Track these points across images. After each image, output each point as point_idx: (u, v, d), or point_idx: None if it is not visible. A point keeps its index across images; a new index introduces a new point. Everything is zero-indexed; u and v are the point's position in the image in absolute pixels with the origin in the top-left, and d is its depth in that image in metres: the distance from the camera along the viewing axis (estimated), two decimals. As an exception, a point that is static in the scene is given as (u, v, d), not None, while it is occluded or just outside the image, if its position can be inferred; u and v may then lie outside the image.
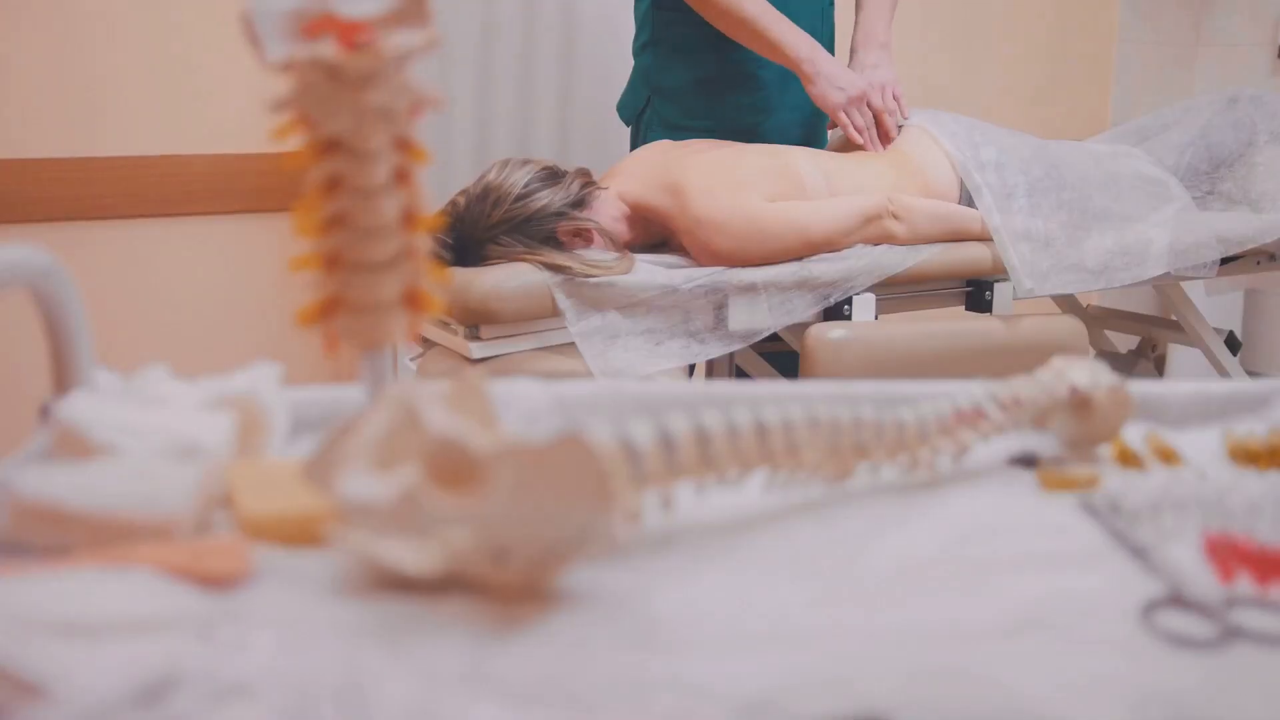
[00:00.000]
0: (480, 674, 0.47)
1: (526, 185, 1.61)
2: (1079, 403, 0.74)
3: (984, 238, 1.79)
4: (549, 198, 1.62)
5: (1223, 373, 2.06)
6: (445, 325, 1.63)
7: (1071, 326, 1.81)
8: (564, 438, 0.52)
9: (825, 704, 0.45)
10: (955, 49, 2.98)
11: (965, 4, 2.98)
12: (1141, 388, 0.80)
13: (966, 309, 1.86)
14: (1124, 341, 2.34)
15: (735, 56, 1.88)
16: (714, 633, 0.51)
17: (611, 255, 1.63)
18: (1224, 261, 1.90)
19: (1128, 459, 0.73)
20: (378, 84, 0.61)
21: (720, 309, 1.65)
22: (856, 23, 1.95)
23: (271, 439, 0.70)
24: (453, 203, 1.63)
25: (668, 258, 1.70)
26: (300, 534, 0.59)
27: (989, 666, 0.48)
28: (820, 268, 1.67)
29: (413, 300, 0.64)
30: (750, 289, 1.64)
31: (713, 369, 1.90)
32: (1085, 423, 0.74)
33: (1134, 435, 0.77)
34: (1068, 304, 2.25)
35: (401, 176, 0.63)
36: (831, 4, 2.02)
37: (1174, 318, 2.07)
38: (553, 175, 1.64)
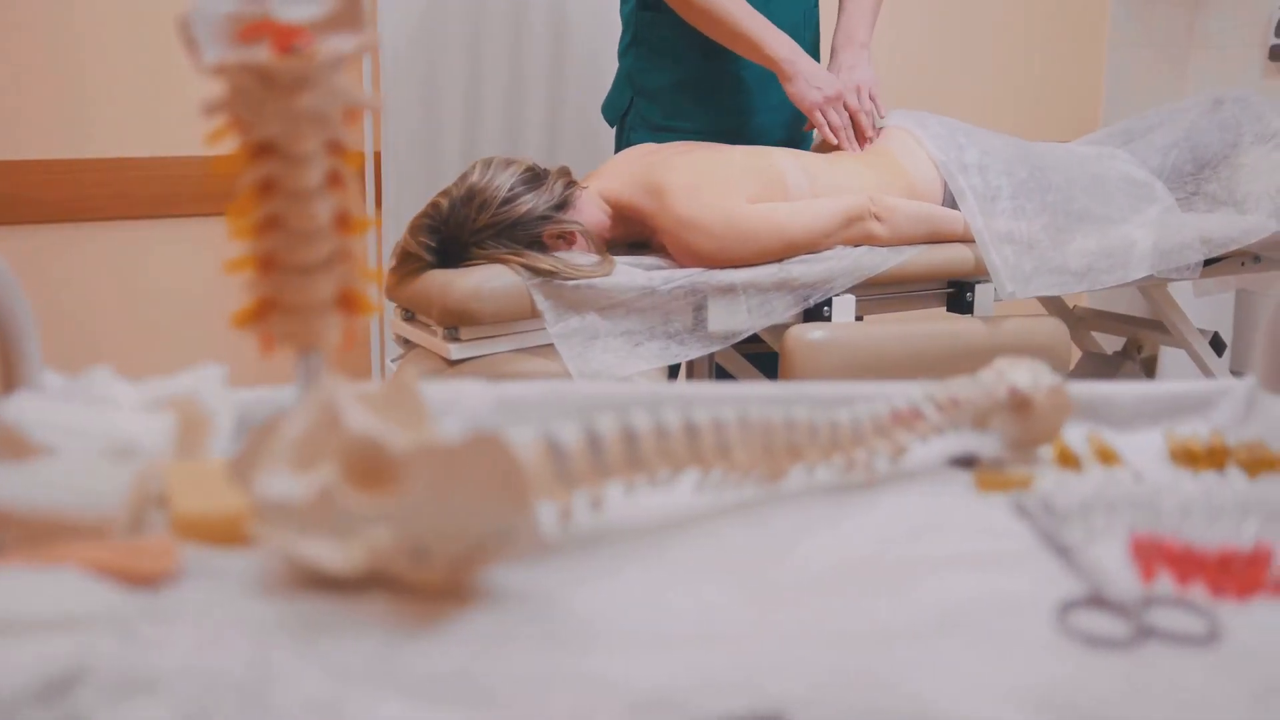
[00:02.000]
0: (388, 671, 0.48)
1: (511, 189, 1.62)
2: (1019, 404, 0.74)
3: (966, 239, 1.79)
4: (534, 201, 1.62)
5: (1208, 373, 2.05)
6: (426, 326, 1.64)
7: (1053, 328, 1.82)
8: (478, 437, 0.52)
9: (726, 703, 0.45)
10: (946, 50, 2.98)
11: (957, 5, 2.98)
12: (1086, 389, 0.80)
13: (948, 310, 1.86)
14: (1111, 343, 2.34)
15: (718, 58, 1.89)
16: (628, 631, 0.51)
17: (593, 258, 1.63)
18: (1209, 263, 1.90)
19: (1067, 460, 0.73)
20: (309, 88, 0.61)
21: (700, 310, 1.65)
22: (838, 23, 1.95)
23: (213, 439, 0.71)
24: (434, 204, 1.63)
25: (647, 259, 1.71)
26: (230, 533, 0.60)
27: (898, 667, 0.49)
28: (800, 269, 1.68)
29: (347, 302, 0.65)
30: (730, 290, 1.65)
31: (693, 370, 1.91)
32: (1025, 424, 0.74)
33: (1076, 436, 0.77)
34: (1053, 305, 2.25)
35: (335, 180, 0.63)
36: (816, 4, 2.02)
37: (1159, 319, 2.07)
38: (535, 177, 1.64)
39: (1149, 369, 3.18)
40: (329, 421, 0.55)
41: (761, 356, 1.92)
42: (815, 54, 2.02)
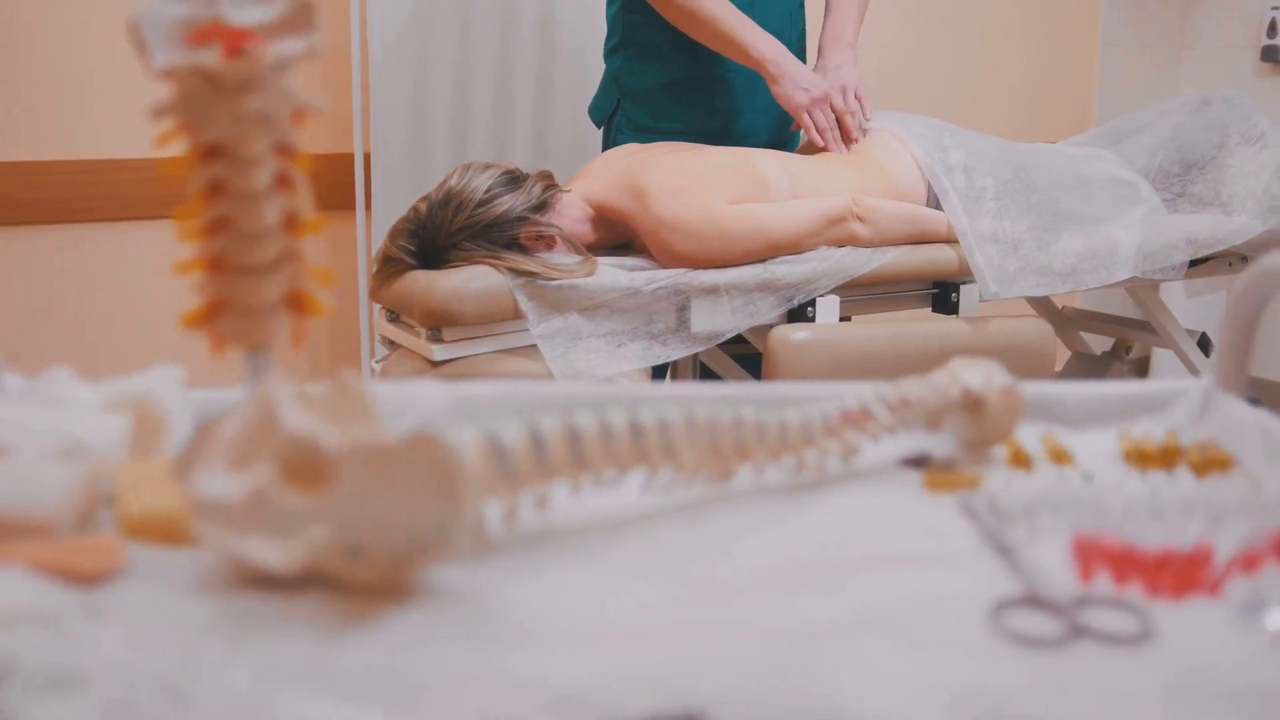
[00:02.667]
0: (315, 668, 0.48)
1: (488, 190, 1.62)
2: (972, 404, 0.74)
3: (950, 240, 1.80)
4: (510, 202, 1.62)
5: (1195, 374, 2.05)
6: (410, 328, 1.65)
7: (1038, 328, 1.82)
8: (414, 437, 0.53)
9: (645, 701, 0.46)
10: (939, 51, 2.99)
11: (949, 6, 2.99)
12: (1042, 389, 0.81)
13: (933, 311, 1.86)
14: (1101, 344, 2.34)
15: (703, 59, 1.89)
16: (557, 629, 0.52)
17: (574, 258, 1.64)
18: (1195, 264, 1.90)
19: (1020, 460, 0.74)
20: (256, 91, 0.62)
21: (683, 311, 1.66)
22: (824, 24, 1.95)
23: (169, 439, 0.71)
24: (414, 209, 1.64)
25: (630, 260, 1.71)
26: (177, 532, 0.60)
27: (820, 666, 0.49)
28: (783, 269, 1.68)
29: (295, 303, 0.65)
30: (713, 291, 1.65)
31: (677, 370, 1.91)
32: (978, 424, 0.74)
33: (1030, 436, 0.77)
34: (1041, 306, 2.26)
35: (284, 181, 0.64)
36: (801, 5, 2.02)
37: (1147, 320, 2.07)
38: (514, 179, 1.65)
39: (1141, 370, 3.18)
40: (266, 421, 0.55)
41: (748, 357, 1.93)
42: (801, 54, 2.03)
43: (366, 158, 2.25)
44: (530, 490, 0.61)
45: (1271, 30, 2.79)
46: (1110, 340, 2.29)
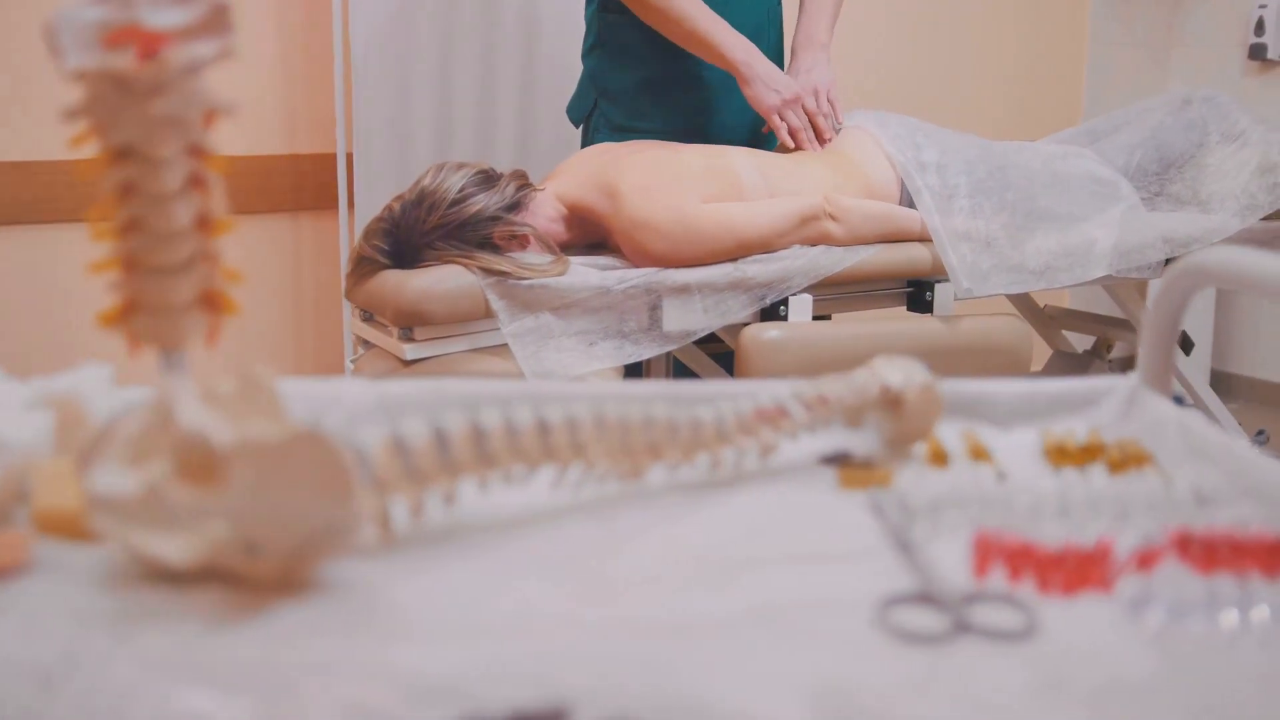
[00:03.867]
0: (195, 660, 0.49)
1: (461, 190, 1.63)
2: (891, 401, 0.75)
3: (924, 238, 1.80)
4: (484, 202, 1.63)
5: (1175, 372, 2.05)
6: (383, 327, 1.66)
7: (1013, 327, 1.82)
8: (300, 434, 0.53)
9: (510, 692, 0.46)
10: (928, 49, 2.99)
11: (936, 4, 2.98)
12: (968, 387, 0.81)
13: (908, 309, 1.86)
14: (1084, 342, 2.34)
15: (679, 59, 1.90)
16: (439, 622, 0.53)
17: (546, 258, 1.65)
18: (1173, 262, 1.90)
19: (939, 457, 0.74)
20: (165, 93, 0.63)
21: (655, 310, 1.66)
22: (798, 25, 1.96)
23: (93, 437, 0.72)
24: (388, 208, 1.65)
25: (603, 259, 1.72)
26: (83, 528, 0.61)
27: (693, 661, 0.49)
28: (755, 269, 1.69)
29: (210, 302, 0.66)
30: (684, 290, 1.66)
31: (650, 369, 1.92)
32: (898, 421, 0.75)
33: (952, 434, 0.78)
34: (1023, 304, 2.26)
35: (196, 182, 0.65)
36: (779, 4, 2.03)
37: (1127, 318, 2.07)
38: (488, 179, 1.66)
39: (1127, 368, 3.17)
40: (164, 418, 0.56)
41: (725, 355, 1.93)
42: (780, 54, 2.03)
43: (349, 157, 2.27)
44: (437, 487, 0.62)
45: (1259, 28, 2.78)
46: (1092, 339, 2.29)
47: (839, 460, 0.74)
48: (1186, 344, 2.12)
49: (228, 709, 0.46)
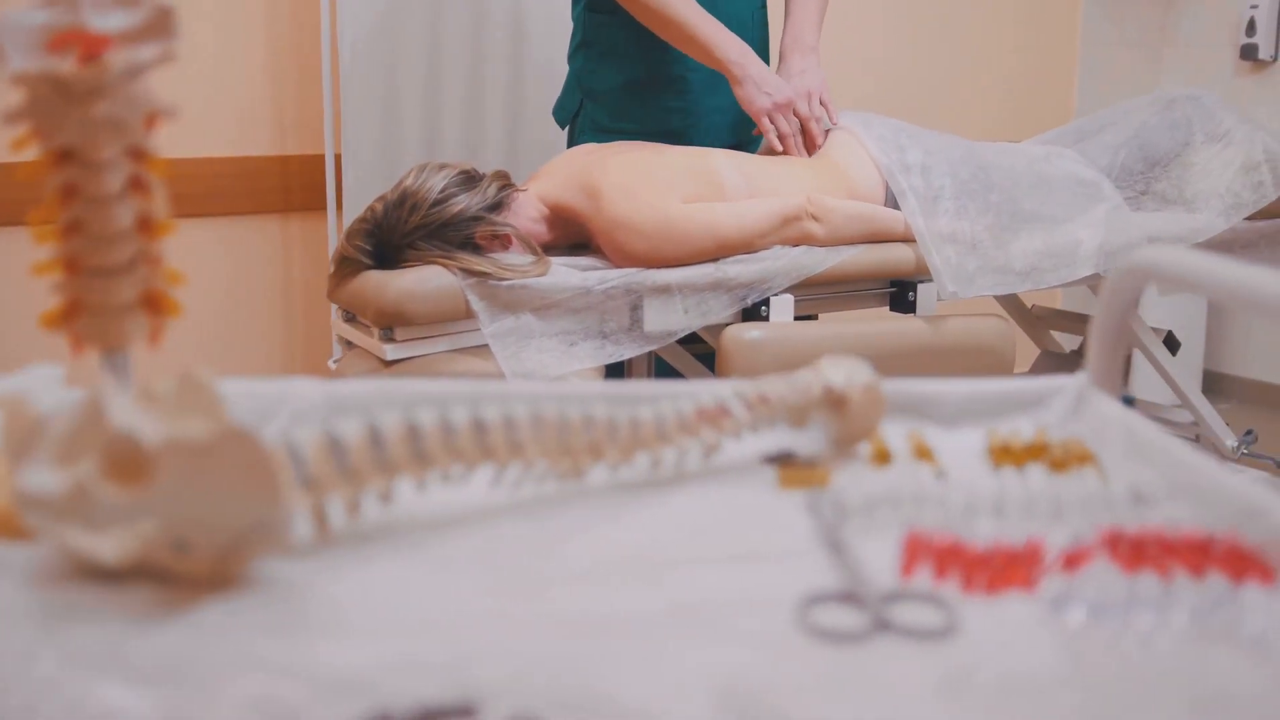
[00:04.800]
0: (116, 655, 0.50)
1: (443, 190, 1.64)
2: (834, 401, 0.75)
3: (907, 239, 1.80)
4: (465, 202, 1.64)
5: (1161, 372, 2.05)
6: (364, 327, 1.67)
7: (996, 327, 1.82)
8: (228, 432, 0.54)
9: (421, 687, 0.47)
10: (919, 49, 2.99)
11: (929, 5, 2.98)
12: (915, 386, 0.81)
13: (890, 310, 1.87)
14: (1071, 342, 2.34)
15: (663, 59, 1.91)
16: (360, 619, 0.53)
17: (528, 258, 1.65)
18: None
19: (881, 456, 0.75)
20: (104, 97, 0.63)
21: (636, 310, 1.67)
22: (785, 27, 1.96)
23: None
24: (370, 209, 1.65)
25: (584, 260, 1.72)
26: (18, 526, 0.62)
27: (608, 659, 0.50)
28: (736, 269, 1.69)
29: (151, 303, 0.67)
30: (664, 290, 1.66)
31: (632, 368, 1.92)
32: (842, 421, 0.75)
33: (897, 433, 0.78)
34: (1011, 305, 2.26)
35: (137, 185, 0.66)
36: (764, 6, 2.03)
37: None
38: (470, 179, 1.66)
39: (1124, 367, 3.16)
40: (94, 416, 0.57)
41: (709, 355, 1.94)
42: (764, 53, 2.04)
43: (338, 159, 2.28)
44: (372, 486, 0.63)
45: (1251, 29, 2.77)
46: (1079, 339, 2.29)
47: (781, 460, 0.75)
48: (1173, 344, 2.12)
49: (141, 704, 0.46)
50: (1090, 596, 0.56)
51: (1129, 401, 0.81)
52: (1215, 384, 3.10)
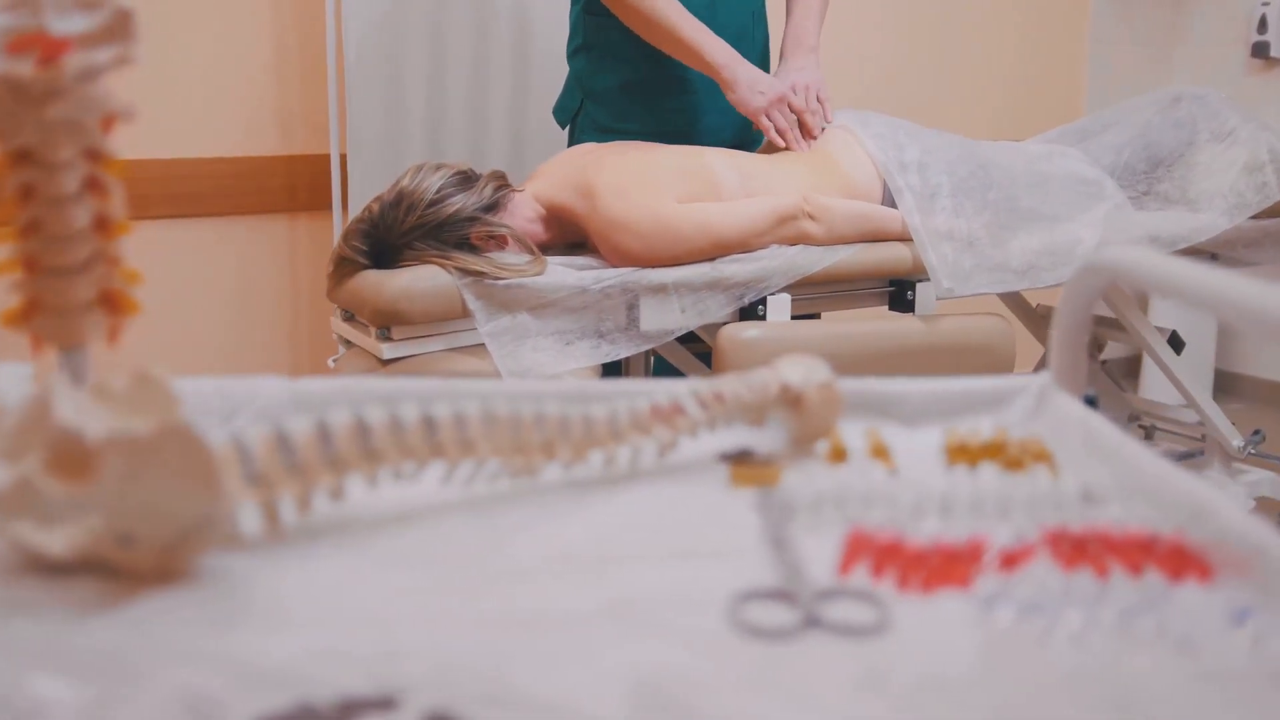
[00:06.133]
0: (54, 648, 0.51)
1: (439, 190, 1.65)
2: (791, 400, 0.75)
3: (905, 238, 1.80)
4: (462, 202, 1.65)
5: (1165, 370, 2.04)
6: (362, 327, 1.68)
7: (995, 326, 1.82)
8: (166, 428, 0.55)
9: (345, 680, 0.47)
10: (926, 49, 2.98)
11: (937, 4, 2.97)
12: (879, 385, 0.82)
13: (889, 309, 1.86)
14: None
15: (665, 60, 1.91)
16: (296, 613, 0.54)
17: (524, 257, 1.66)
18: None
19: (838, 455, 0.75)
20: (60, 99, 0.64)
21: (632, 309, 1.68)
22: (786, 28, 1.96)
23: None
24: (368, 209, 1.67)
25: (580, 259, 1.73)
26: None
27: (533, 654, 0.50)
28: (733, 268, 1.69)
29: (109, 302, 0.68)
30: (661, 290, 1.67)
31: (629, 367, 1.93)
32: (800, 419, 0.76)
33: (856, 432, 0.78)
34: (1015, 304, 2.25)
35: (94, 185, 0.67)
36: (763, 8, 2.03)
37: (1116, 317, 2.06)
38: (466, 179, 1.67)
39: (1133, 367, 3.15)
40: (40, 412, 0.58)
41: (709, 354, 1.94)
42: (766, 55, 2.04)
43: (342, 158, 2.29)
44: (322, 482, 0.63)
45: (1262, 26, 2.75)
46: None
47: (736, 458, 0.75)
48: (1177, 343, 2.10)
49: (71, 695, 0.47)
50: (1022, 595, 0.57)
51: (1091, 401, 0.81)
52: (1228, 384, 3.07)
